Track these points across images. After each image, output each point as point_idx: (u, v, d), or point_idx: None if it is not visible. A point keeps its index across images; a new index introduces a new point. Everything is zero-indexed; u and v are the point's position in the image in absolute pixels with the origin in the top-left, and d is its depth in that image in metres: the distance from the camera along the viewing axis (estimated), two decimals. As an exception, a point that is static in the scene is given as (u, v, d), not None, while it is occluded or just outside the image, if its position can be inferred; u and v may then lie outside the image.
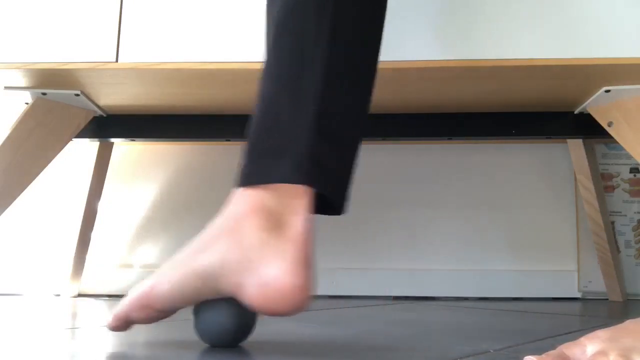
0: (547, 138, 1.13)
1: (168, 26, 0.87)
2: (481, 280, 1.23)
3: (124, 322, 0.54)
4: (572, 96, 0.99)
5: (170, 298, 0.52)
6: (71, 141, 1.06)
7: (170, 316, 0.54)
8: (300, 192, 0.52)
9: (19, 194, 0.98)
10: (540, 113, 1.08)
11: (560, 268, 1.24)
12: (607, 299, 1.19)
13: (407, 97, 1.02)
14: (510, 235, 1.26)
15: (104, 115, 1.11)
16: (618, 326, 0.44)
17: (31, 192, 1.20)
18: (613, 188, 1.25)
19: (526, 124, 1.09)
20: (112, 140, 1.20)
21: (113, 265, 1.27)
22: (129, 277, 1.25)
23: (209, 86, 0.96)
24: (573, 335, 0.59)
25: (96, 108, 1.07)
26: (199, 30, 0.87)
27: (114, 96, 1.02)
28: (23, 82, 0.95)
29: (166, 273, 0.52)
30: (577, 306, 1.09)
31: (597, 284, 1.20)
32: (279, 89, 0.55)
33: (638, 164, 1.23)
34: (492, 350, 0.55)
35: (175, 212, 1.30)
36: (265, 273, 0.49)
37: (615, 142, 0.98)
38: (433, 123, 1.10)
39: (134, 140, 1.22)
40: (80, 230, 1.18)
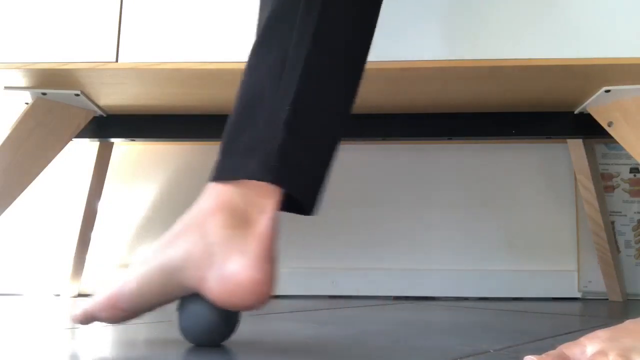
0: (547, 138, 1.13)
1: (168, 26, 0.87)
2: (481, 280, 1.23)
3: (90, 319, 0.55)
4: (572, 96, 0.99)
5: (138, 294, 0.53)
6: (71, 141, 1.06)
7: (137, 317, 0.54)
8: (268, 191, 0.53)
9: (19, 194, 0.98)
10: (540, 113, 1.08)
11: (560, 268, 1.24)
12: (607, 299, 1.19)
13: (407, 97, 1.02)
14: (510, 235, 1.26)
15: (104, 115, 1.11)
16: (618, 326, 0.44)
17: (31, 192, 1.19)
18: (613, 188, 1.25)
19: (526, 124, 1.09)
20: (112, 140, 1.20)
21: (113, 265, 1.27)
22: (129, 277, 1.24)
23: (209, 86, 0.96)
24: (573, 335, 0.59)
25: (96, 108, 1.07)
26: (199, 30, 0.87)
27: (114, 96, 1.02)
28: (23, 82, 0.95)
29: (135, 269, 0.54)
30: (577, 306, 1.09)
31: (597, 284, 1.20)
32: (257, 88, 0.56)
33: (638, 164, 1.23)
34: (492, 350, 0.55)
35: (175, 212, 1.27)
36: (226, 267, 0.50)
37: (615, 142, 0.98)
38: (433, 123, 1.10)
39: (134, 140, 1.22)
40: (80, 230, 1.18)
